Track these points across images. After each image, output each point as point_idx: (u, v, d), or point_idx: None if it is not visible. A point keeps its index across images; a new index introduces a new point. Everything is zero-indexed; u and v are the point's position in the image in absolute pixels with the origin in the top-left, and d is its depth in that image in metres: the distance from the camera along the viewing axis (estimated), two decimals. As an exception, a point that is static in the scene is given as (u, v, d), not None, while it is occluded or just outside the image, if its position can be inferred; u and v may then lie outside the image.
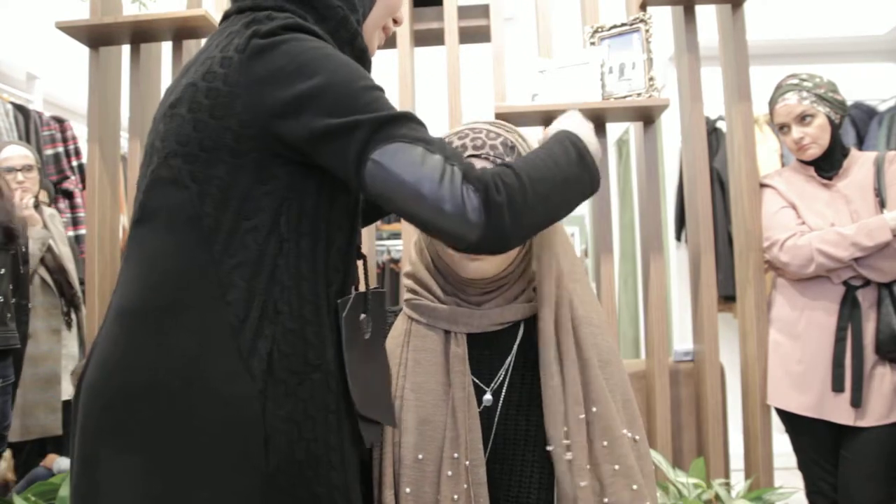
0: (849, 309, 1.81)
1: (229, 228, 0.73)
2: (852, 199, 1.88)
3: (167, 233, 0.75)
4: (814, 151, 1.90)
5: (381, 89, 0.76)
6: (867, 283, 1.82)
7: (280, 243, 0.74)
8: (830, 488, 1.87)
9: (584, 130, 0.87)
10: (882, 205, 1.85)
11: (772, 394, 1.97)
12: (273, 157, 0.74)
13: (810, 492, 1.93)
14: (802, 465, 1.94)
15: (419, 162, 0.70)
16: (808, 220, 1.90)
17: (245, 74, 0.73)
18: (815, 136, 1.88)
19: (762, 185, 2.05)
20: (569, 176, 0.80)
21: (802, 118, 1.88)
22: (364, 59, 0.87)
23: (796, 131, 1.90)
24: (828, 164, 1.93)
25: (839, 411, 1.80)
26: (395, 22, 0.96)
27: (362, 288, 0.87)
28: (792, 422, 1.92)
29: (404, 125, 0.73)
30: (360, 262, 0.88)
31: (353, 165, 0.72)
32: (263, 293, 0.74)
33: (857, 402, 1.78)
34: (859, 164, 1.93)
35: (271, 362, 0.73)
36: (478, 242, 0.71)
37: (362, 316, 0.84)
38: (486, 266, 0.89)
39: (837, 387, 1.80)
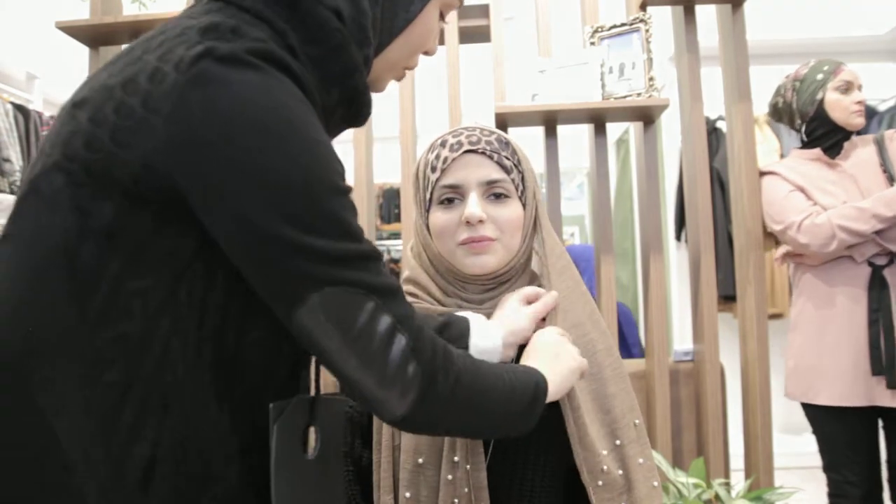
0: (878, 290, 1.80)
1: (111, 286, 0.55)
2: (859, 177, 1.90)
3: (28, 267, 0.56)
4: (862, 121, 1.94)
5: (347, 191, 0.59)
6: (891, 261, 1.82)
7: (176, 319, 0.56)
8: (857, 489, 1.86)
9: (559, 380, 0.79)
10: (890, 180, 1.87)
11: (798, 391, 1.93)
12: (180, 212, 0.56)
13: (835, 494, 1.91)
14: (831, 466, 1.91)
15: (367, 320, 0.56)
16: (819, 201, 1.89)
17: (174, 104, 0.54)
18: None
19: (763, 173, 2.04)
20: (508, 411, 0.70)
21: (860, 88, 1.94)
22: (357, 102, 0.68)
23: (859, 95, 1.93)
24: (835, 147, 1.96)
25: (879, 394, 1.79)
26: (426, 54, 0.78)
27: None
28: (822, 417, 1.89)
29: (365, 266, 0.58)
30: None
31: (284, 299, 0.56)
32: (149, 379, 0.55)
33: (893, 383, 1.76)
34: (858, 144, 1.97)
35: (151, 475, 0.55)
36: (401, 421, 0.60)
37: (312, 428, 0.66)
38: (488, 260, 0.89)
39: (877, 369, 1.78)
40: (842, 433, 1.88)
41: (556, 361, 0.82)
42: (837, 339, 1.85)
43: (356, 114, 0.69)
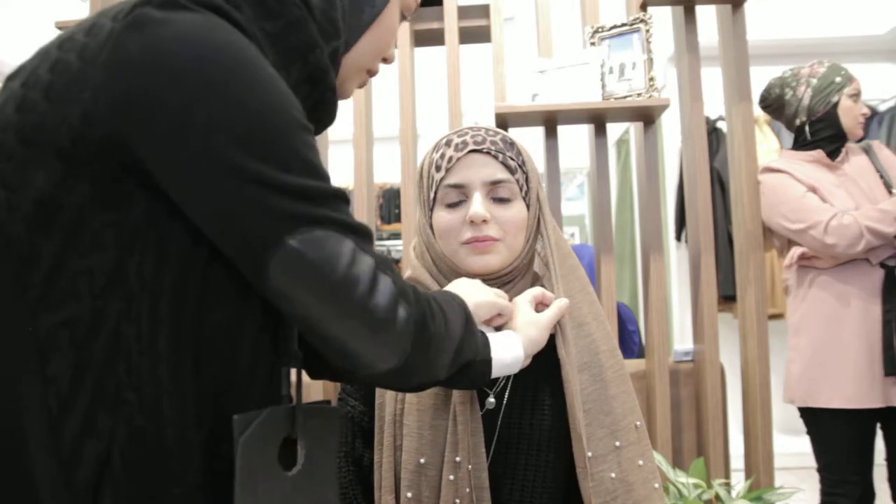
0: (891, 291, 1.81)
1: (52, 265, 0.49)
2: (860, 182, 1.92)
3: None
4: (861, 133, 1.99)
5: (310, 129, 0.55)
6: None
7: (127, 300, 0.50)
8: (856, 488, 1.86)
9: (532, 344, 0.81)
10: (887, 186, 1.90)
11: (803, 394, 1.93)
12: (124, 173, 0.50)
13: (832, 493, 1.91)
14: (829, 467, 1.92)
15: (349, 261, 0.52)
16: (834, 203, 1.89)
17: (111, 50, 0.49)
18: None
19: (772, 171, 2.03)
20: (454, 347, 0.67)
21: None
22: (320, 85, 0.62)
23: (863, 107, 1.97)
24: (836, 151, 1.98)
25: (894, 395, 1.80)
26: (385, 61, 0.74)
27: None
28: (828, 419, 1.89)
29: (338, 205, 0.54)
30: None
31: (256, 248, 0.51)
32: (99, 368, 0.50)
33: None
34: (851, 153, 2.00)
35: (104, 473, 0.50)
36: (386, 373, 0.57)
37: (297, 445, 0.58)
38: (491, 260, 0.89)
39: (890, 370, 1.78)
40: (846, 435, 1.88)
41: (535, 335, 0.83)
42: (851, 341, 1.85)
43: (320, 104, 0.63)
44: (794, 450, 2.90)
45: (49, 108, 0.50)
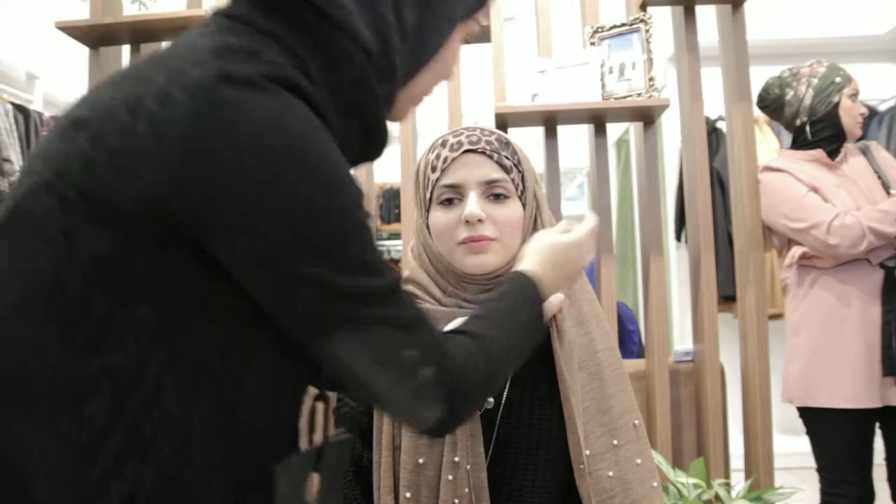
0: (891, 291, 1.82)
1: (103, 316, 0.50)
2: (859, 183, 1.92)
3: (11, 288, 0.52)
4: (860, 132, 2.00)
5: (368, 219, 0.56)
6: None
7: (171, 353, 0.52)
8: (856, 487, 1.86)
9: (546, 268, 0.80)
10: (885, 186, 1.91)
11: (801, 394, 1.92)
12: (182, 243, 0.52)
13: (832, 493, 1.90)
14: (829, 467, 1.91)
15: (389, 362, 0.55)
16: (835, 203, 1.89)
17: (184, 130, 0.49)
18: None
19: (772, 170, 2.03)
20: (522, 350, 0.72)
21: None
22: (375, 135, 0.63)
23: (861, 107, 1.98)
24: (836, 150, 1.98)
25: (893, 395, 1.81)
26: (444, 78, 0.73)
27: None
28: (825, 420, 1.89)
29: (392, 299, 0.56)
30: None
31: (308, 334, 0.55)
32: (135, 415, 0.51)
33: None
34: (849, 153, 2.00)
35: None
36: (426, 431, 0.61)
37: (314, 475, 0.62)
38: (487, 260, 0.89)
39: (889, 370, 1.79)
40: (846, 435, 1.88)
41: (543, 258, 0.81)
42: (850, 341, 1.85)
43: (374, 147, 0.65)
44: (794, 450, 2.90)
45: (117, 176, 0.50)
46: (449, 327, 0.68)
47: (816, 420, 1.92)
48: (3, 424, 0.51)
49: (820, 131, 1.98)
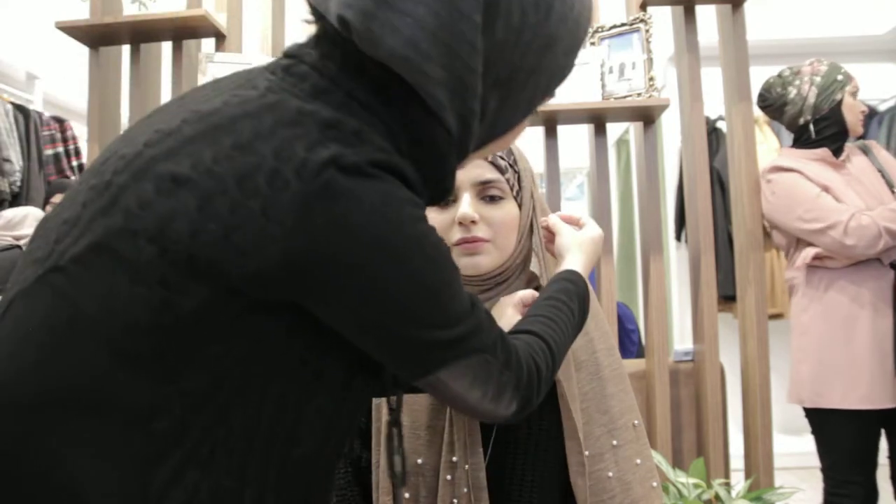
0: None
1: (185, 350, 0.54)
2: (863, 179, 1.92)
3: (85, 325, 0.53)
4: (861, 130, 2.00)
5: (458, 274, 0.62)
6: None
7: (242, 381, 0.56)
8: (861, 488, 1.86)
9: (589, 265, 0.89)
10: (889, 185, 1.90)
11: (811, 395, 1.91)
12: (278, 308, 0.56)
13: (837, 494, 1.90)
14: (835, 467, 1.91)
15: (482, 380, 0.63)
16: (846, 202, 1.88)
17: (297, 217, 0.52)
18: None
19: (783, 170, 2.00)
20: (572, 343, 0.81)
21: None
22: (443, 196, 0.68)
23: (862, 105, 1.97)
24: (840, 149, 1.98)
25: None
26: None
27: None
28: (835, 421, 1.88)
29: (477, 332, 0.62)
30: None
31: (409, 375, 0.62)
32: (201, 431, 0.55)
33: None
34: (853, 151, 2.00)
35: None
36: (500, 421, 0.70)
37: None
38: (481, 261, 0.89)
39: None
40: (853, 436, 1.87)
41: (589, 256, 0.89)
42: (862, 342, 1.84)
43: (441, 198, 0.70)
44: (794, 450, 2.90)
45: (227, 252, 0.52)
46: (516, 325, 0.76)
47: (825, 421, 1.90)
48: (67, 437, 0.53)
49: (824, 129, 1.97)
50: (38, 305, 0.55)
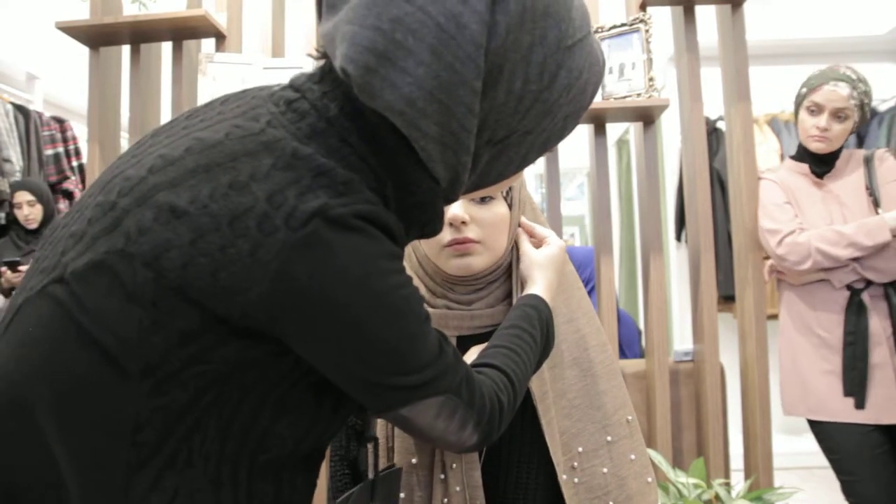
0: (855, 313, 1.82)
1: (173, 371, 0.57)
2: (844, 200, 1.90)
3: (77, 337, 0.56)
4: (822, 147, 1.90)
5: (428, 320, 0.64)
6: (869, 283, 1.82)
7: (219, 395, 0.59)
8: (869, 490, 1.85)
9: (554, 284, 0.90)
10: (875, 203, 1.86)
11: (797, 406, 1.93)
12: (261, 339, 0.59)
13: (851, 493, 1.90)
14: (841, 471, 1.91)
15: (446, 416, 0.65)
16: (805, 218, 1.91)
17: (281, 263, 0.55)
18: (836, 136, 1.88)
19: (764, 176, 2.05)
20: (536, 367, 0.82)
21: (838, 113, 1.86)
22: (430, 236, 0.71)
23: (824, 120, 1.86)
24: (823, 165, 1.94)
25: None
26: None
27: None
28: (828, 431, 1.89)
29: (443, 374, 0.64)
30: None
31: (374, 410, 0.66)
32: (179, 440, 0.58)
33: (860, 404, 1.79)
34: (850, 163, 1.95)
35: None
36: (463, 451, 0.71)
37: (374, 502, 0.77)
38: (472, 262, 0.89)
39: (850, 391, 1.81)
40: (845, 440, 1.86)
41: (552, 275, 0.91)
42: (819, 358, 1.88)
43: (427, 236, 0.73)
44: (794, 450, 2.90)
45: (215, 287, 0.55)
46: (476, 358, 0.77)
47: (818, 431, 1.93)
48: (60, 441, 0.57)
49: (801, 143, 1.98)
50: (41, 314, 0.58)
